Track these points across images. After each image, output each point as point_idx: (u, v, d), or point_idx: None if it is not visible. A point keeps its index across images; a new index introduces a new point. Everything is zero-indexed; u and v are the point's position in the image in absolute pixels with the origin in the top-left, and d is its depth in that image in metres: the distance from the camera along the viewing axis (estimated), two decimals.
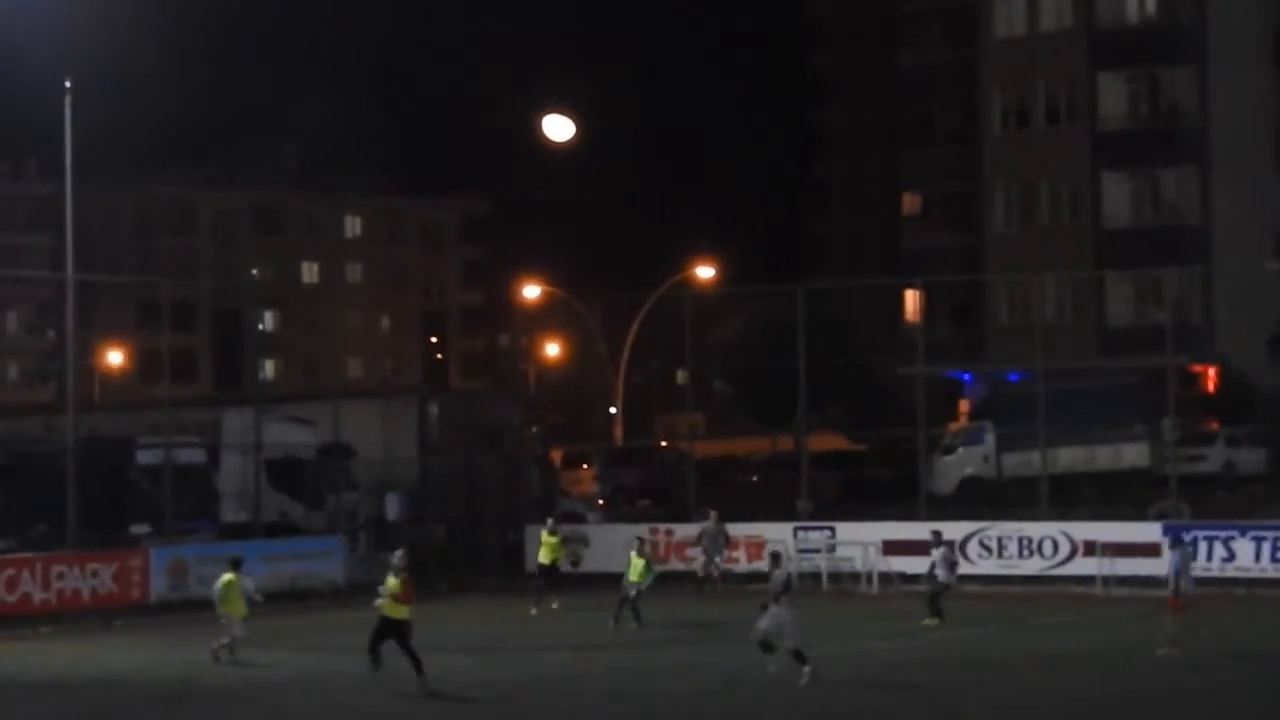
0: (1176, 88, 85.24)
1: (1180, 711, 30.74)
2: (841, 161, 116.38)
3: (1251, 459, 65.61)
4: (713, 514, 53.40)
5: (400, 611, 33.01)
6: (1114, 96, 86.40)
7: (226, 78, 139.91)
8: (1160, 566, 38.41)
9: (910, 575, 52.25)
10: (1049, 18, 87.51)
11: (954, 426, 72.47)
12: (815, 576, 53.19)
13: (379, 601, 33.48)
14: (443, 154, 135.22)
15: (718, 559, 52.86)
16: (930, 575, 44.86)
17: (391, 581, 33.18)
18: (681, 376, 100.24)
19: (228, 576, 38.94)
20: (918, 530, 54.53)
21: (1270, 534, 48.72)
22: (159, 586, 50.77)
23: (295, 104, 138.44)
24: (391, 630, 33.07)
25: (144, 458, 56.45)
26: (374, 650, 33.44)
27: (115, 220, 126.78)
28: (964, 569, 52.45)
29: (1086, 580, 49.63)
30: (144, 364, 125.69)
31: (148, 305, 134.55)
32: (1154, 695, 32.44)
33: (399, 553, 34.38)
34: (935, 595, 44.00)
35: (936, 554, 44.68)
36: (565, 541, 52.28)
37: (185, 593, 50.78)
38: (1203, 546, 49.67)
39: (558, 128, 75.21)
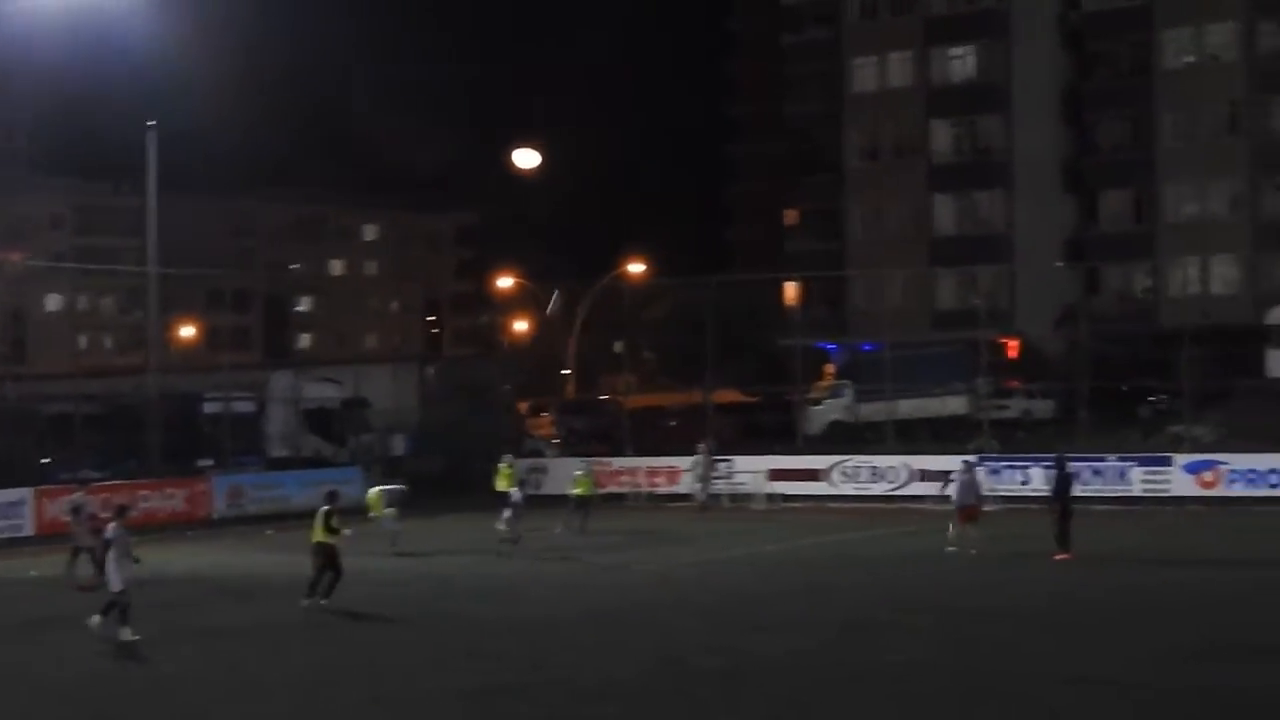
0: (990, 131, 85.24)
1: (920, 594, 30.43)
2: (746, 184, 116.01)
3: (1043, 407, 65.78)
4: (702, 446, 52.90)
5: (329, 538, 30.31)
6: (943, 137, 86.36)
7: (280, 111, 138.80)
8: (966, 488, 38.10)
9: (790, 496, 52.32)
10: (895, 78, 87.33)
11: (822, 384, 72.35)
12: (716, 496, 53.03)
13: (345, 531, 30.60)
14: (443, 177, 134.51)
15: (707, 485, 52.40)
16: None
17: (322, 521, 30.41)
18: (618, 346, 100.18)
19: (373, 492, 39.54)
20: (797, 462, 54.65)
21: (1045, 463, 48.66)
22: (220, 507, 50.36)
23: (331, 136, 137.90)
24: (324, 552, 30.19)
25: (209, 408, 56.03)
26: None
27: (192, 225, 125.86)
28: (830, 491, 52.55)
29: (921, 499, 49.61)
30: (211, 337, 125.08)
31: (214, 292, 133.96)
32: (918, 580, 32.47)
33: (333, 491, 31.76)
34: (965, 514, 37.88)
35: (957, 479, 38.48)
36: (531, 471, 52.17)
37: (240, 511, 50.47)
38: (1009, 474, 49.80)
39: (526, 158, 75.02)
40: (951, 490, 38.62)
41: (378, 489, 41.93)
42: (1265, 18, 78.51)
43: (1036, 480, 47.21)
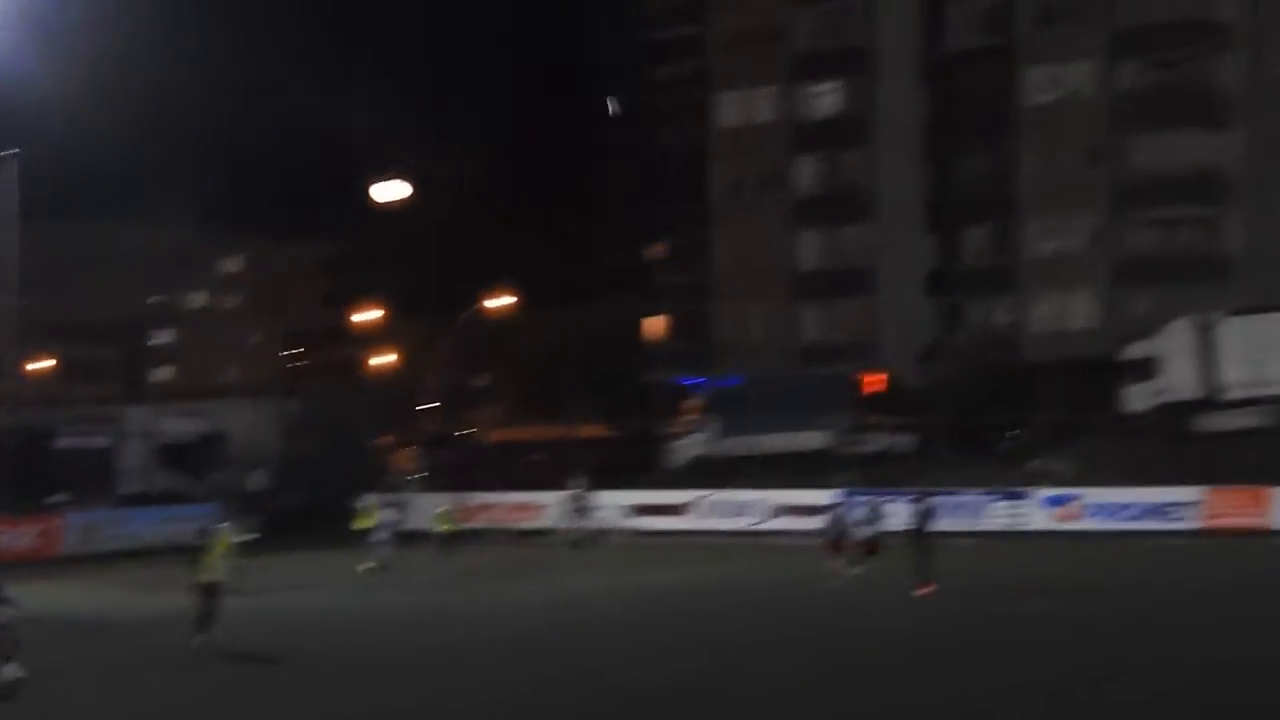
0: (854, 166, 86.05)
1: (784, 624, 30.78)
2: (614, 216, 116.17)
3: (906, 442, 66.32)
4: (576, 482, 52.77)
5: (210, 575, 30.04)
6: (808, 172, 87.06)
7: (142, 141, 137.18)
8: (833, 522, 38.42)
9: (653, 530, 52.43)
10: (761, 112, 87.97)
11: (687, 418, 72.59)
12: (588, 531, 53.03)
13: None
14: (309, 207, 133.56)
15: (583, 521, 52.25)
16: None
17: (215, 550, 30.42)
18: (483, 380, 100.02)
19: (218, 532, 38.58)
20: (660, 496, 54.79)
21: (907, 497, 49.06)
22: (72, 544, 49.64)
23: (197, 166, 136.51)
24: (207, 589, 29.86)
25: (62, 443, 55.27)
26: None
27: (56, 256, 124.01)
28: (693, 526, 52.70)
29: (783, 534, 49.84)
30: (66, 370, 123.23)
31: (69, 324, 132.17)
32: (786, 610, 32.75)
33: (209, 527, 31.39)
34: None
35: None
36: (393, 506, 51.98)
37: (93, 548, 49.75)
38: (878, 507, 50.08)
39: (393, 190, 74.76)
40: (848, 522, 38.84)
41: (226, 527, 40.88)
42: (1125, 56, 79.93)
43: (900, 514, 47.53)
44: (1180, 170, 77.88)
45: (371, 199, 74.91)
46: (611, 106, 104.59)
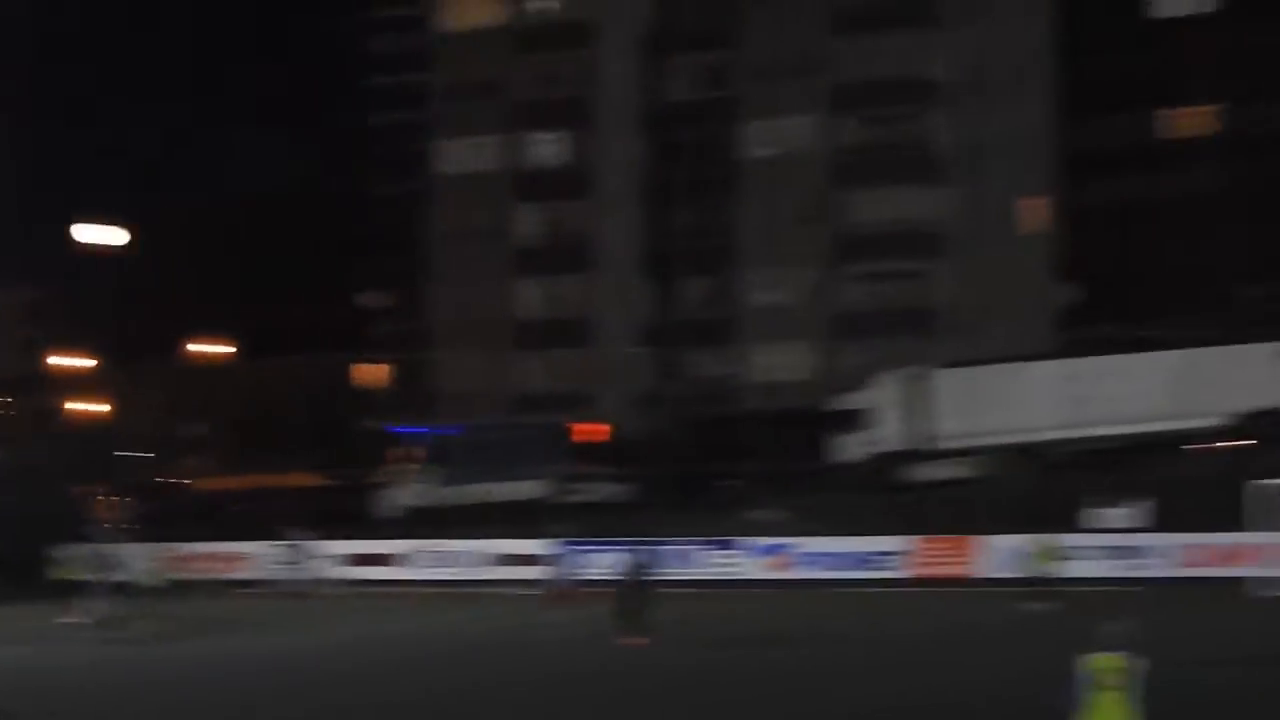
0: (574, 217, 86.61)
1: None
2: (334, 263, 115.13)
3: (623, 491, 66.54)
4: (290, 532, 51.82)
5: None
6: (529, 222, 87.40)
7: None
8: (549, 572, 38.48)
9: (367, 580, 51.89)
10: (483, 162, 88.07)
11: (405, 467, 71.99)
12: (306, 582, 52.18)
13: None
14: (12, 249, 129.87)
15: (297, 572, 51.30)
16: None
17: None
18: (194, 428, 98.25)
19: None
20: (374, 546, 54.32)
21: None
22: None
23: None
24: None
25: None
26: None
27: None
28: (408, 575, 52.27)
29: (497, 583, 49.66)
30: None
31: None
32: (503, 660, 32.67)
33: None
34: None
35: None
36: (98, 557, 50.52)
37: None
38: (592, 557, 50.13)
39: (103, 234, 73.05)
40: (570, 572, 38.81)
41: None
42: (843, 113, 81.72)
43: (615, 564, 47.69)
44: (895, 225, 79.86)
45: (79, 243, 73.14)
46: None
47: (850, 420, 61.71)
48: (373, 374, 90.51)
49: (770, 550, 49.36)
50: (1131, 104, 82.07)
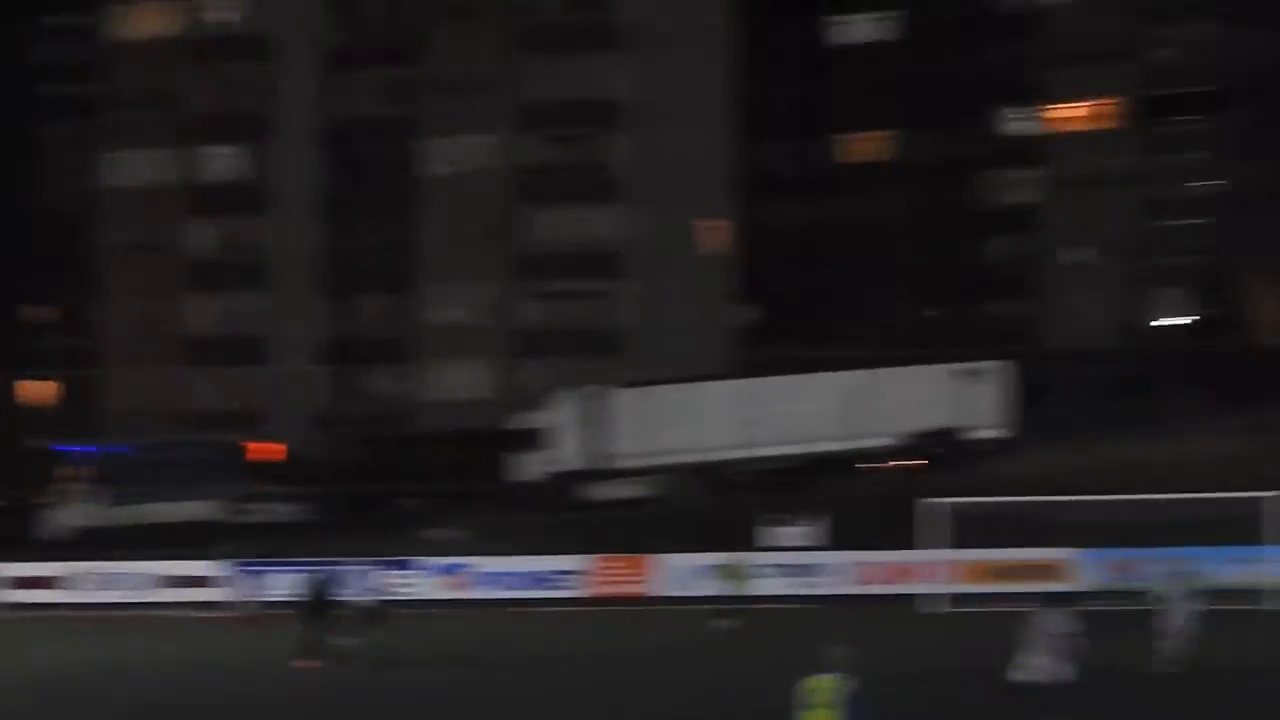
0: (253, 231, 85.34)
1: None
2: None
3: (299, 511, 65.50)
4: None
5: None
6: (203, 236, 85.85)
7: None
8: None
9: (28, 604, 50.25)
10: (155, 174, 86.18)
11: (71, 486, 69.85)
12: None
13: None
14: None
15: None
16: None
17: None
18: None
19: None
20: (36, 569, 52.64)
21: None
22: None
23: None
24: None
25: None
26: None
27: None
28: (73, 599, 50.70)
29: (168, 605, 48.43)
30: None
31: None
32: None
33: None
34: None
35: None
36: None
37: None
38: (266, 579, 49.01)
39: None
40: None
41: None
42: (526, 131, 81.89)
43: (290, 586, 46.90)
44: (576, 245, 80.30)
45: None
46: None
47: (529, 439, 61.82)
48: (38, 391, 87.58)
49: (448, 570, 49.04)
50: (811, 129, 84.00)
